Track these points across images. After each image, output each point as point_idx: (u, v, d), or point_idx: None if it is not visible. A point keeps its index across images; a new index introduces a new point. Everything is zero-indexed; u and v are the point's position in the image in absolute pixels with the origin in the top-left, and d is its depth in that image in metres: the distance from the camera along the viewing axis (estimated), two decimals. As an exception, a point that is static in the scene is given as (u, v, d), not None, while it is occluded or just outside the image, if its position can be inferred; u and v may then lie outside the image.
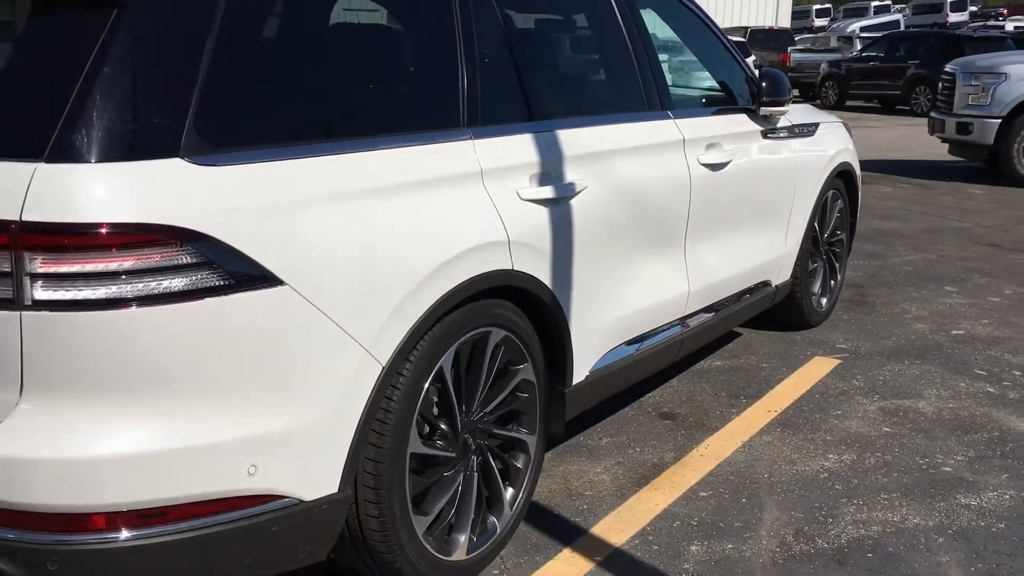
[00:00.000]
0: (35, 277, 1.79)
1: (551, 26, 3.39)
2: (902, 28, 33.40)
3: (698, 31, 4.11)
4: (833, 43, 27.46)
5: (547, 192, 2.76)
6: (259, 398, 2.03)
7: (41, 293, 1.80)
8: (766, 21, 28.37)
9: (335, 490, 2.19)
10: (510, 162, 2.67)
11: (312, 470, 2.14)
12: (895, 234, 7.59)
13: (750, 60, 18.73)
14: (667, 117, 3.46)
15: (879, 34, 26.46)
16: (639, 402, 3.99)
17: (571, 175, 2.87)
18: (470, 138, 2.58)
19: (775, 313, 4.71)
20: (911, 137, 14.97)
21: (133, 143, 1.88)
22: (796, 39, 27.56)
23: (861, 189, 5.33)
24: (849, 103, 22.48)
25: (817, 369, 4.42)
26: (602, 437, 3.65)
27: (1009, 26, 30.67)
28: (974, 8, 43.12)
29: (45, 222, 1.78)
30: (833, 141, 4.80)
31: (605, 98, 3.40)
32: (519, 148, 2.73)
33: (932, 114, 11.06)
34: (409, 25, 2.64)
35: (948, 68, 10.85)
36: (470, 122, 2.61)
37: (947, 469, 3.42)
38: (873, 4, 45.94)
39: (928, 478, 3.34)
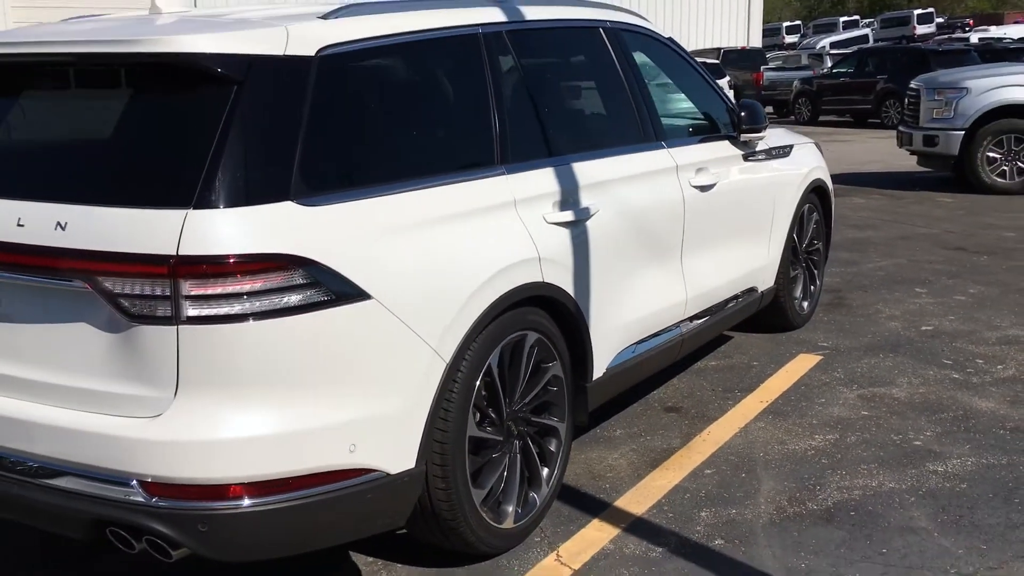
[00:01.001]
0: (187, 299, 2.29)
1: (561, 75, 3.91)
2: (871, 42, 34.32)
3: (682, 69, 4.65)
4: (804, 60, 28.27)
5: (568, 216, 3.28)
6: (355, 389, 2.53)
7: (192, 311, 2.30)
8: (738, 41, 29.11)
9: (413, 465, 2.68)
10: (536, 192, 3.19)
11: (396, 449, 2.63)
12: (868, 242, 8.16)
13: (724, 81, 19.40)
14: (661, 147, 4.00)
15: (849, 50, 27.32)
16: (646, 399, 4.49)
17: (586, 200, 3.39)
18: (504, 173, 3.10)
19: (762, 317, 5.24)
20: (882, 150, 15.63)
21: (256, 191, 2.38)
22: (768, 56, 28.35)
23: (834, 202, 5.87)
24: (822, 118, 23.24)
25: (802, 364, 4.94)
26: (616, 429, 4.15)
27: (974, 38, 31.60)
28: (940, 20, 44.27)
29: (196, 255, 2.28)
30: (807, 160, 5.35)
31: (609, 134, 3.93)
32: (543, 180, 3.25)
33: (900, 128, 11.70)
34: (453, 85, 3.17)
35: (913, 84, 11.50)
36: (503, 160, 3.13)
37: (918, 443, 3.94)
38: (842, 19, 47.08)
39: (901, 451, 3.86)
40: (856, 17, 48.52)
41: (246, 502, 2.38)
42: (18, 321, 2.50)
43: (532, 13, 3.55)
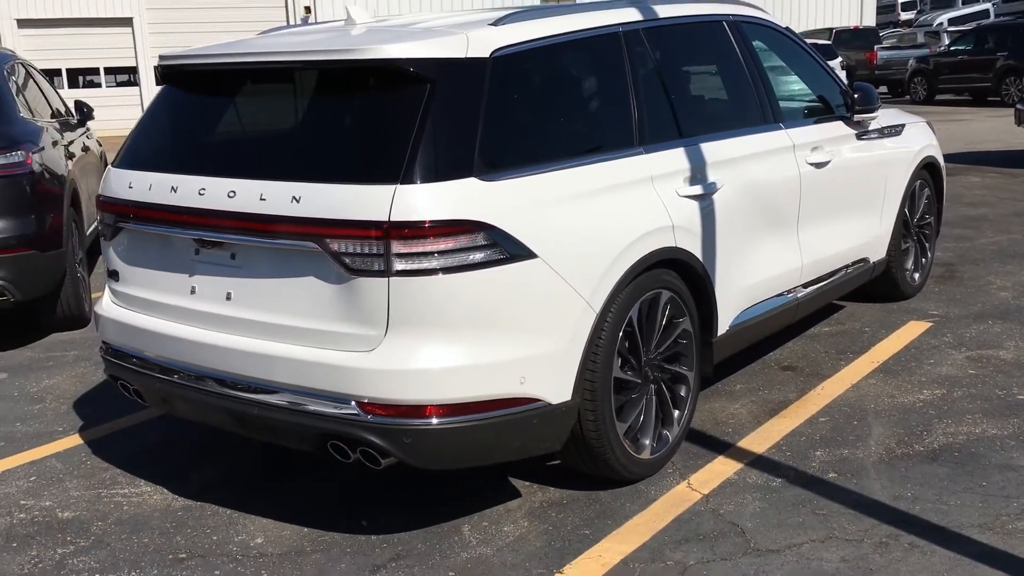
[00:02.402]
0: (397, 256, 2.86)
1: (689, 65, 4.37)
2: (992, 18, 33.14)
3: (797, 55, 5.03)
4: (920, 39, 27.62)
5: (697, 190, 3.74)
6: (524, 332, 3.06)
7: (400, 265, 2.87)
8: (851, 21, 28.66)
9: (569, 397, 3.21)
10: (670, 169, 3.67)
11: (556, 383, 3.16)
12: (983, 219, 8.30)
13: (836, 61, 19.27)
14: (779, 128, 4.41)
15: (967, 26, 26.57)
16: (763, 359, 4.91)
17: (712, 176, 3.85)
18: (642, 153, 3.59)
19: (874, 287, 5.57)
20: (1000, 128, 15.37)
21: (447, 169, 2.94)
22: (882, 35, 27.80)
23: (946, 179, 6.13)
24: (939, 97, 22.76)
25: (912, 330, 5.27)
26: (736, 384, 4.60)
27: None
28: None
29: (404, 221, 2.85)
30: (918, 138, 5.65)
31: (732, 117, 4.36)
32: (675, 158, 3.73)
33: (1018, 106, 11.62)
34: (599, 77, 3.68)
35: (1033, 61, 11.41)
36: (641, 142, 3.62)
37: (1021, 397, 4.25)
38: (962, -6, 45.34)
39: (1005, 404, 4.19)
40: (977, -9, 46.65)
41: (442, 420, 2.95)
42: (256, 276, 3.14)
43: (663, 11, 4.02)
